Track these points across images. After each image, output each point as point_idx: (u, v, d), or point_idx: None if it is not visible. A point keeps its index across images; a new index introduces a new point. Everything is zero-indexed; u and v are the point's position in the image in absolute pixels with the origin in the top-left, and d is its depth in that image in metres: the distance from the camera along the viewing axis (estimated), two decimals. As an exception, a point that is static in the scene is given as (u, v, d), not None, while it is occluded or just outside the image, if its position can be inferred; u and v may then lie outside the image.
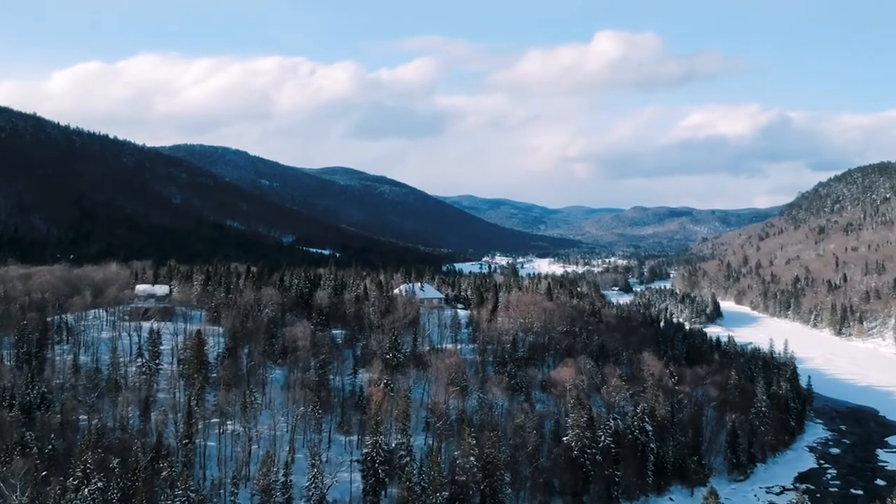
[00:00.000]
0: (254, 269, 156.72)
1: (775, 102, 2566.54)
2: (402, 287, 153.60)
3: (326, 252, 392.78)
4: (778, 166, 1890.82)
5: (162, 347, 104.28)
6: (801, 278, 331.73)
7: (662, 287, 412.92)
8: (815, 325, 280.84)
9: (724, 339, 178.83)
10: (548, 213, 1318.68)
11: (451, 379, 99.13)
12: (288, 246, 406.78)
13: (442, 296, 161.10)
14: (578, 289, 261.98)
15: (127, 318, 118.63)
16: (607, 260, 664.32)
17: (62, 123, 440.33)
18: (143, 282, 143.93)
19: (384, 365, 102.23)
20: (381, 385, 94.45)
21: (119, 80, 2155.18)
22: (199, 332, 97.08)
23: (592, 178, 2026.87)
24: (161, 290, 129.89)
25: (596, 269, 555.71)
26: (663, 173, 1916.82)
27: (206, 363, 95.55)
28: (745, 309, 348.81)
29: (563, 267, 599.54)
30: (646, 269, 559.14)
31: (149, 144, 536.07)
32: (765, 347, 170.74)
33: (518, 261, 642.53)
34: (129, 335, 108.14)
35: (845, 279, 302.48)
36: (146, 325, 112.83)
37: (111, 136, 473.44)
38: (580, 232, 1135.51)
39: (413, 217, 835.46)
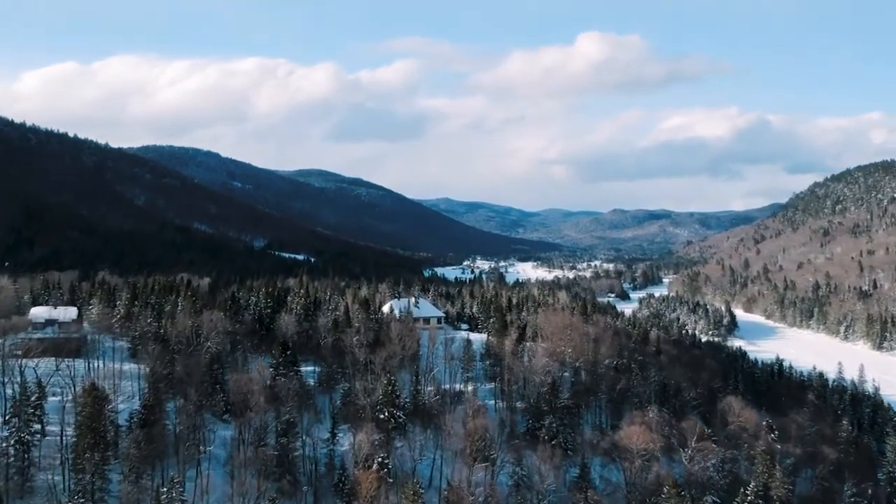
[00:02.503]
0: (199, 282, 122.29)
1: (757, 105, 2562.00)
2: (393, 304, 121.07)
3: (300, 257, 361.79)
4: (755, 169, 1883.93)
5: (52, 400, 71.86)
6: (823, 285, 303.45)
7: (659, 293, 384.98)
8: (846, 338, 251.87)
9: (774, 363, 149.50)
10: (525, 215, 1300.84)
11: (476, 449, 67.25)
12: (259, 251, 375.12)
13: (441, 314, 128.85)
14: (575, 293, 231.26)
15: (17, 353, 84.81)
16: (592, 264, 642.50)
17: (17, 121, 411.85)
18: (57, 300, 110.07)
19: (376, 426, 70.01)
20: (374, 465, 62.43)
21: (93, 82, 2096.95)
22: (93, 383, 63.67)
23: (571, 181, 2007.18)
24: (67, 313, 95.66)
25: (586, 274, 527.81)
26: (642, 176, 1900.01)
27: (105, 431, 62.68)
28: (758, 318, 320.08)
29: (549, 271, 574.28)
30: (638, 274, 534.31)
31: (118, 146, 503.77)
32: (830, 372, 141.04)
33: (501, 265, 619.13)
34: (4, 382, 74.64)
35: (875, 286, 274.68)
36: (41, 364, 79.73)
37: (71, 134, 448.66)
38: (559, 235, 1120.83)
39: (390, 220, 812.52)
